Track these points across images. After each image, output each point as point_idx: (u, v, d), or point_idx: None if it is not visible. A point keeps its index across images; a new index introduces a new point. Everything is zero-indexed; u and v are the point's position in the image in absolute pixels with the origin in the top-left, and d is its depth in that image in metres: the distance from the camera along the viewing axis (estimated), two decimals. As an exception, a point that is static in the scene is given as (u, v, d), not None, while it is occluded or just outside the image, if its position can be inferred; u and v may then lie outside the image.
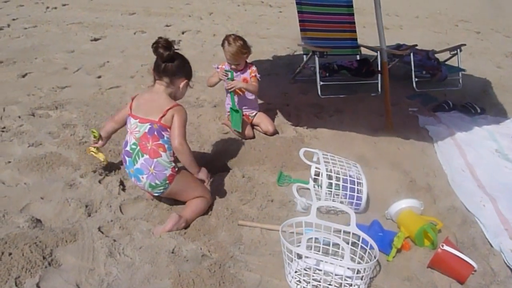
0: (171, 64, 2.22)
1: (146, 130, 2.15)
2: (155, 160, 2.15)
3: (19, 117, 3.21)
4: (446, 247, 1.99)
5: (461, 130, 3.43)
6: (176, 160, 2.27)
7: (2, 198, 2.26)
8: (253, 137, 3.26)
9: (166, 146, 2.17)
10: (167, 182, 2.20)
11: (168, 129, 2.17)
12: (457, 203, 2.55)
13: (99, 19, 7.05)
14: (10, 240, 1.91)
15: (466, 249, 2.15)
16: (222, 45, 3.23)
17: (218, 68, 3.36)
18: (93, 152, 2.51)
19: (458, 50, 4.76)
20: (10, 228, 2.01)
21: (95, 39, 5.81)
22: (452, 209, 2.47)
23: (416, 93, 4.46)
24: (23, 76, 4.14)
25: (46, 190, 2.36)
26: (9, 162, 2.59)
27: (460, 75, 4.73)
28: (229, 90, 3.25)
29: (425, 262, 2.04)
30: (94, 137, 2.46)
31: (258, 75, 3.32)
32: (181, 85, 2.29)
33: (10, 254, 1.84)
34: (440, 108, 3.99)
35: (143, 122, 2.16)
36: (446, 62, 4.92)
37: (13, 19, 6.48)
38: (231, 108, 3.27)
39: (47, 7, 7.60)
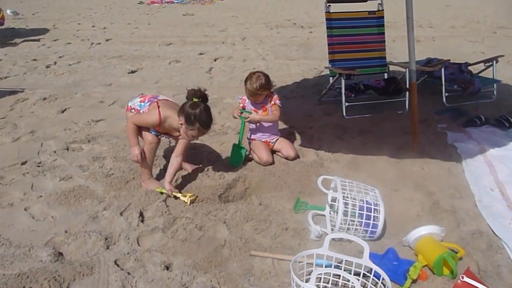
0: (185, 102, 2.75)
1: None
2: None
3: (55, 151, 3.45)
4: (466, 279, 1.87)
5: (492, 145, 3.24)
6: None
7: (30, 232, 2.42)
8: (273, 163, 3.28)
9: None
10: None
11: (132, 110, 2.98)
12: (483, 227, 2.40)
13: (138, 51, 7.46)
14: (32, 274, 2.04)
15: (489, 278, 2.01)
16: (245, 82, 3.29)
17: (240, 99, 3.46)
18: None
19: (494, 61, 4.52)
20: (34, 262, 2.14)
21: (132, 72, 6.16)
22: (477, 233, 2.33)
23: (446, 108, 4.28)
24: (62, 112, 4.45)
25: (71, 223, 2.50)
26: (41, 196, 2.79)
27: (495, 86, 4.48)
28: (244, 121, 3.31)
29: (443, 293, 1.93)
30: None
31: (278, 102, 3.35)
32: (179, 122, 2.74)
33: (30, 288, 1.96)
34: (471, 123, 3.80)
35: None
36: (480, 74, 4.69)
37: (60, 57, 7.03)
38: (234, 144, 3.31)
39: (92, 43, 8.18)
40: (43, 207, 2.66)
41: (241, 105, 3.45)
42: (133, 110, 2.96)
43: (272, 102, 3.36)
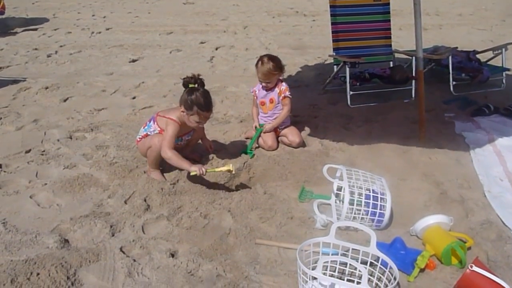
0: (184, 91, 2.78)
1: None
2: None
3: (58, 140, 3.43)
4: (475, 268, 1.84)
5: (502, 135, 3.20)
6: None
7: (36, 219, 2.41)
8: (276, 148, 3.28)
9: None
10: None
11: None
12: (493, 217, 2.37)
13: (139, 40, 7.39)
14: (39, 260, 2.04)
15: (499, 268, 1.99)
16: (256, 65, 3.30)
17: (252, 91, 3.48)
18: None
19: (504, 49, 4.45)
20: (40, 249, 2.14)
21: (134, 60, 6.10)
22: (487, 224, 2.30)
23: (453, 97, 4.23)
24: (65, 101, 4.42)
25: (76, 211, 2.49)
26: (46, 184, 2.77)
27: (504, 75, 4.42)
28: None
29: (452, 283, 1.91)
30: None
31: (288, 93, 3.33)
32: (181, 110, 2.78)
33: (38, 274, 1.96)
34: (480, 112, 3.75)
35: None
36: (489, 62, 4.62)
37: (61, 46, 6.97)
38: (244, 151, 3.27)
39: (92, 32, 8.10)
40: (48, 194, 2.65)
41: (255, 97, 3.46)
42: (141, 138, 2.94)
43: (282, 95, 3.33)
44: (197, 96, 2.70)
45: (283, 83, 3.37)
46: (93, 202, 2.58)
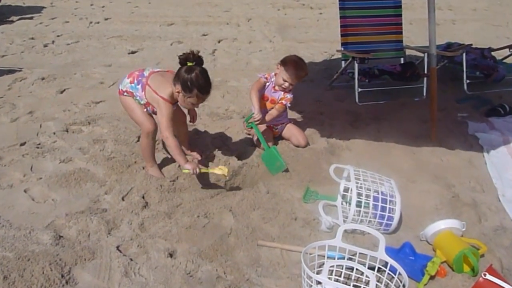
0: (180, 68, 2.53)
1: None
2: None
3: (54, 133, 3.31)
4: (489, 277, 1.76)
5: (517, 136, 3.10)
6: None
7: (30, 214, 2.33)
8: None
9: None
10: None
11: (125, 94, 2.77)
12: (507, 222, 2.29)
13: (138, 31, 7.26)
14: (33, 257, 1.96)
15: (514, 277, 1.89)
16: (286, 63, 3.02)
17: (264, 77, 3.13)
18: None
19: (521, 46, 4.34)
20: (34, 245, 2.06)
21: (133, 52, 5.97)
22: (500, 229, 2.22)
23: (467, 96, 4.12)
24: (61, 92, 4.30)
25: (72, 207, 2.40)
26: (41, 178, 2.68)
27: (521, 73, 4.31)
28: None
29: (464, 291, 1.82)
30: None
31: (289, 104, 3.15)
32: (176, 91, 2.55)
33: (31, 271, 1.88)
34: (495, 113, 3.65)
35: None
36: (504, 61, 4.50)
37: (58, 36, 6.82)
38: (263, 154, 2.94)
39: (90, 22, 7.94)
40: (43, 189, 2.57)
41: (267, 83, 3.13)
42: (126, 93, 2.73)
43: (283, 102, 3.11)
44: (197, 76, 2.46)
45: (290, 93, 3.14)
46: (90, 198, 2.49)
